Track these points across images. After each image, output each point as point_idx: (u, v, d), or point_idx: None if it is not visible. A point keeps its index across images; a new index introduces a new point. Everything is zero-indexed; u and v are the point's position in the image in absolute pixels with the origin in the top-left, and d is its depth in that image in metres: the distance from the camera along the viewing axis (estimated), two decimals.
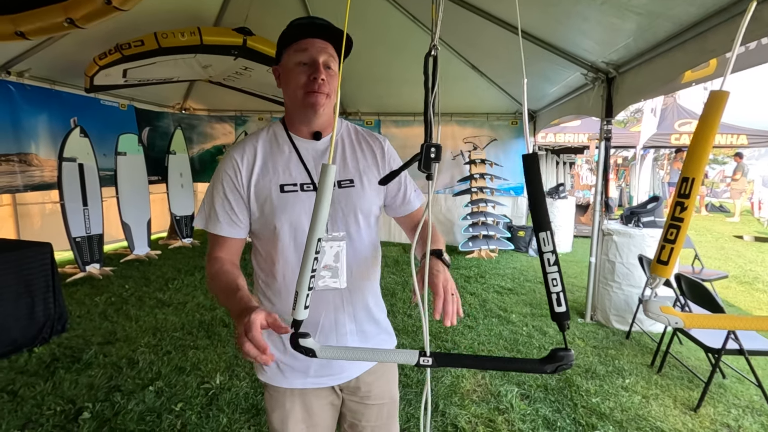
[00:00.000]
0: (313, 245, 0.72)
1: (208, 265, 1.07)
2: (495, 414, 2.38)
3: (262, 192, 1.05)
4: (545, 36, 3.52)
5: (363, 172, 1.11)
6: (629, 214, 3.76)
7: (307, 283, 0.73)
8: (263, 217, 1.05)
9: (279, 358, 1.10)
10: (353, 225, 1.09)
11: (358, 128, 1.19)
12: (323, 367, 1.10)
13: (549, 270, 0.70)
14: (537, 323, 3.69)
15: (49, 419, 2.18)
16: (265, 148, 1.08)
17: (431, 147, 0.75)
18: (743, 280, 5.24)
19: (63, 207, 4.28)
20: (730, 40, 1.96)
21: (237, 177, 1.05)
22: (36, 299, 2.91)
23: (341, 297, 1.09)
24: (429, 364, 0.75)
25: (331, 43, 1.03)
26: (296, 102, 1.04)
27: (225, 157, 1.08)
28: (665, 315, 0.69)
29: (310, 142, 1.09)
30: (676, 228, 0.68)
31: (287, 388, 1.11)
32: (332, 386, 1.15)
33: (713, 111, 0.66)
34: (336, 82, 1.05)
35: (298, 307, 0.73)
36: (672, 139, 10.55)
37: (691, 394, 2.64)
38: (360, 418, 1.19)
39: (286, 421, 1.12)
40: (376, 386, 1.18)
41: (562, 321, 0.71)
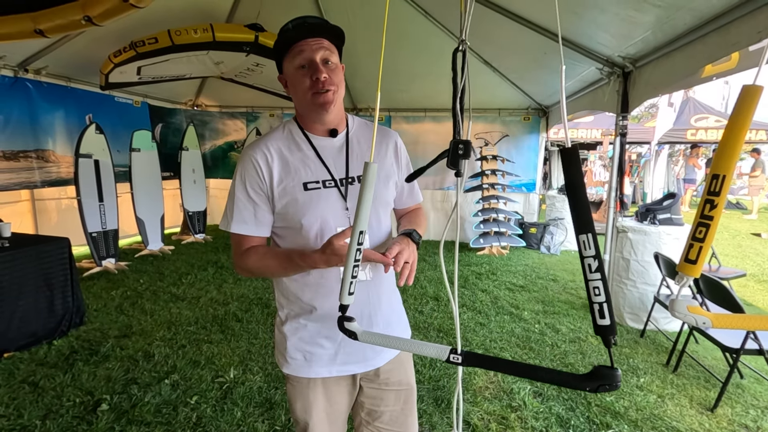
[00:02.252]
0: (356, 238, 0.76)
1: (242, 259, 1.10)
2: (508, 411, 2.37)
3: (286, 191, 1.07)
4: (562, 30, 3.47)
5: (380, 166, 1.14)
6: (645, 210, 3.70)
7: (350, 271, 0.77)
8: (288, 215, 1.07)
9: (305, 348, 1.12)
10: (373, 218, 1.12)
11: (369, 123, 1.21)
12: (348, 354, 1.12)
13: (591, 277, 0.64)
14: (549, 320, 3.66)
15: (68, 410, 2.23)
16: (284, 147, 1.09)
17: (459, 144, 0.74)
18: (761, 279, 5.13)
19: (80, 203, 4.35)
20: (756, 32, 1.91)
21: (259, 176, 1.07)
22: (55, 293, 2.97)
23: (367, 289, 1.11)
24: (459, 362, 0.74)
25: (325, 38, 1.04)
26: (306, 104, 1.06)
27: (243, 157, 1.09)
28: (692, 315, 0.68)
29: (326, 139, 1.12)
30: (706, 226, 0.66)
31: (310, 378, 1.13)
32: (353, 374, 1.17)
33: (746, 106, 0.64)
34: (340, 73, 1.07)
35: (343, 293, 0.78)
36: (688, 135, 10.36)
37: (707, 394, 2.60)
38: (379, 404, 1.20)
39: (310, 410, 1.14)
40: (394, 374, 1.21)
41: (607, 336, 0.63)
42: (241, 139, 7.39)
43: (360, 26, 5.05)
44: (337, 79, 1.05)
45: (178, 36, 4.23)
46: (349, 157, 1.11)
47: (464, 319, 3.66)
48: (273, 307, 3.78)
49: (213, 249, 5.75)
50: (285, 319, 1.16)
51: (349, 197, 1.09)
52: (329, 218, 1.06)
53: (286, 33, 1.02)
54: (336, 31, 1.06)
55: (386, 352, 1.18)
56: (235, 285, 4.36)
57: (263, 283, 4.43)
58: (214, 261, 5.13)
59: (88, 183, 4.43)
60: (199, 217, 6.24)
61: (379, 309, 1.15)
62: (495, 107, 6.49)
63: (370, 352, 1.14)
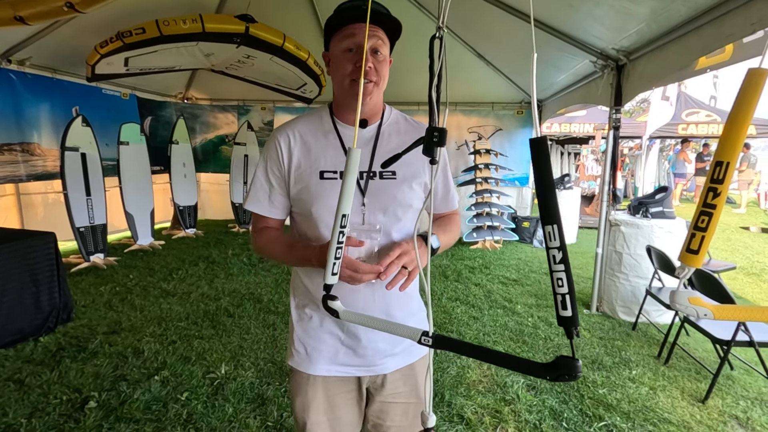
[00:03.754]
0: (339, 221, 0.78)
1: (256, 237, 1.13)
2: (501, 405, 2.37)
3: (302, 177, 1.04)
4: (555, 22, 3.44)
5: (406, 165, 1.05)
6: (637, 204, 3.71)
7: (333, 253, 0.79)
8: (300, 202, 1.06)
9: (307, 341, 1.10)
10: (391, 218, 1.05)
11: (408, 118, 1.15)
12: (350, 356, 1.09)
13: (555, 268, 0.62)
14: (542, 314, 3.67)
15: (55, 408, 2.18)
16: (309, 133, 1.07)
17: (434, 131, 0.73)
18: (750, 272, 5.19)
19: (66, 197, 4.26)
20: (750, 24, 1.89)
21: (279, 159, 1.05)
22: (41, 289, 2.90)
23: (373, 290, 1.06)
24: (429, 344, 0.74)
25: (381, 27, 0.99)
26: (343, 90, 1.01)
27: (270, 139, 1.09)
28: (693, 306, 0.66)
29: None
30: (708, 215, 0.64)
31: (311, 374, 1.09)
32: (358, 379, 1.12)
33: (751, 91, 0.62)
34: (386, 66, 1.03)
35: (327, 273, 0.81)
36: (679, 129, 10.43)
37: (698, 386, 2.62)
38: (384, 418, 1.15)
39: (308, 408, 1.10)
40: (403, 385, 1.15)
41: (569, 327, 0.62)
42: (232, 133, 7.28)
43: None
44: (382, 72, 1.01)
45: (167, 26, 4.14)
46: (376, 150, 1.06)
47: (458, 312, 3.65)
48: (265, 302, 3.75)
49: (204, 244, 5.69)
50: (294, 308, 1.15)
51: (368, 192, 1.04)
52: None
53: (342, 12, 0.98)
54: (394, 23, 1.01)
55: (393, 360, 1.12)
56: (227, 280, 4.31)
57: (255, 278, 4.39)
58: (206, 256, 5.07)
59: (74, 177, 4.34)
60: (190, 212, 6.17)
61: (388, 314, 1.08)
62: (488, 101, 6.46)
63: (375, 356, 1.09)
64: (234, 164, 6.54)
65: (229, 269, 4.65)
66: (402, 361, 1.13)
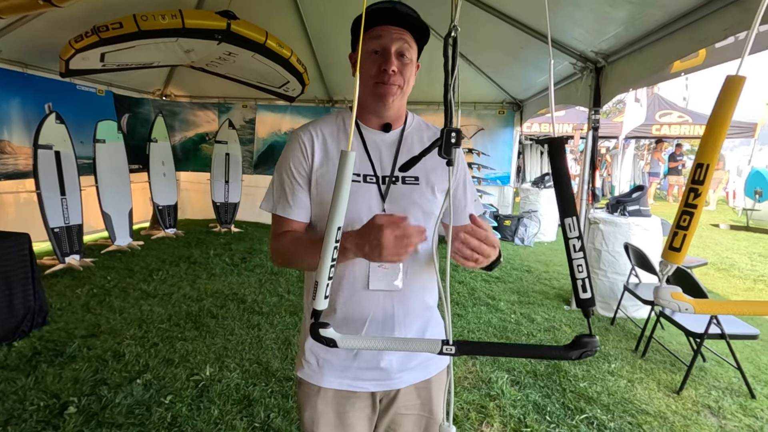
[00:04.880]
0: (333, 234, 0.71)
1: (276, 242, 1.04)
2: (486, 400, 2.41)
3: (324, 179, 1.01)
4: (536, 24, 3.51)
5: (429, 171, 1.04)
6: (615, 203, 3.82)
7: (326, 273, 0.72)
8: (322, 205, 1.02)
9: (318, 353, 1.06)
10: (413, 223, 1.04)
11: (430, 124, 1.13)
12: (363, 370, 1.04)
13: (575, 256, 0.69)
14: (525, 311, 3.74)
15: (32, 414, 2.11)
16: (332, 135, 1.04)
17: (451, 132, 0.73)
18: (721, 267, 5.41)
19: (39, 196, 4.11)
20: (722, 29, 1.98)
21: (304, 157, 1.02)
22: (15, 292, 2.80)
23: (392, 298, 1.03)
24: (452, 353, 0.74)
25: (408, 30, 0.97)
26: (367, 92, 1.00)
27: (291, 138, 1.05)
28: (675, 301, 0.70)
29: (378, 133, 1.05)
30: (690, 215, 0.67)
31: (321, 386, 1.05)
32: (371, 393, 1.08)
33: (729, 96, 0.65)
34: (412, 70, 1.00)
35: (318, 298, 0.72)
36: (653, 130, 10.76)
37: (673, 378, 2.72)
38: (396, 429, 1.12)
39: (317, 422, 1.06)
40: (416, 398, 1.12)
41: (587, 307, 0.70)
42: (213, 131, 7.16)
43: (336, 15, 4.97)
44: (407, 76, 0.99)
45: (145, 21, 4.03)
46: (399, 155, 1.04)
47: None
48: (249, 302, 3.71)
49: (185, 244, 5.58)
50: (308, 315, 1.09)
51: (388, 197, 1.02)
52: (363, 216, 0.97)
53: (369, 13, 0.95)
54: (422, 27, 0.99)
55: (408, 374, 1.07)
56: (209, 281, 4.24)
57: (238, 279, 4.33)
58: (187, 256, 4.98)
59: (48, 176, 4.20)
60: (170, 212, 6.03)
61: (404, 326, 1.04)
62: (471, 101, 6.53)
63: (388, 370, 1.05)
64: (215, 163, 6.43)
65: (211, 269, 4.58)
66: (417, 376, 1.10)
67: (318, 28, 5.31)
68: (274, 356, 2.80)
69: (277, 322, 3.34)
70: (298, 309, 3.61)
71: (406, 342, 0.79)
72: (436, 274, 1.05)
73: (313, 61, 5.88)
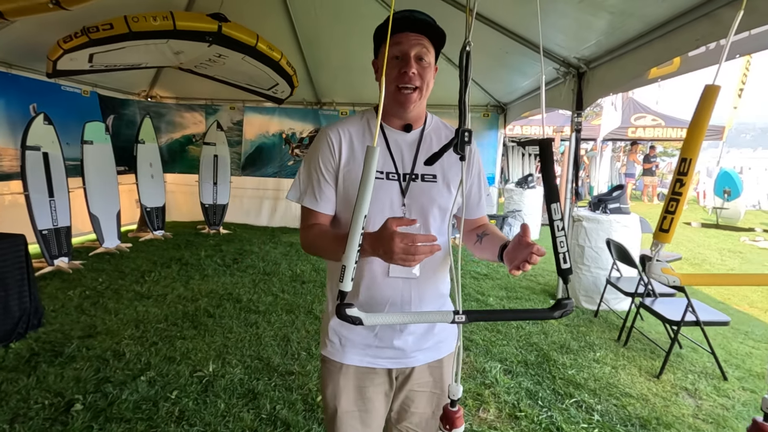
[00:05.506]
0: (360, 222, 0.79)
1: (305, 234, 1.13)
2: (482, 388, 2.53)
3: (350, 175, 1.10)
4: (521, 31, 3.68)
5: (446, 169, 1.14)
6: (596, 201, 4.02)
7: (353, 258, 0.80)
8: (348, 199, 1.10)
9: (341, 332, 1.15)
10: (431, 218, 1.12)
11: (448, 126, 1.21)
12: (382, 349, 1.14)
13: (558, 234, 0.83)
14: (513, 305, 3.90)
15: (38, 413, 2.12)
16: (358, 134, 1.12)
17: (465, 131, 0.84)
18: (693, 262, 5.71)
19: (28, 198, 4.06)
20: (694, 39, 2.16)
21: (331, 154, 1.10)
22: (10, 293, 2.78)
23: (409, 285, 1.12)
24: (462, 321, 0.84)
25: (426, 36, 1.06)
26: (389, 95, 1.07)
27: (320, 136, 1.13)
28: (665, 275, 0.82)
29: (399, 133, 1.14)
30: (676, 201, 0.80)
31: (343, 363, 1.15)
32: (388, 371, 1.17)
33: (707, 102, 0.78)
34: (431, 73, 1.08)
35: (345, 280, 0.79)
36: (629, 132, 11.19)
37: (653, 364, 2.90)
38: (409, 404, 1.22)
39: (339, 396, 1.15)
40: (429, 376, 1.22)
41: (566, 275, 0.85)
42: (200, 133, 7.13)
43: (326, 19, 5.05)
44: (426, 78, 1.07)
45: (136, 23, 4.03)
46: (419, 154, 1.13)
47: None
48: (244, 301, 3.75)
49: (174, 246, 5.55)
50: (331, 301, 1.19)
51: (408, 194, 1.11)
52: (386, 210, 1.08)
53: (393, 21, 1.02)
54: (439, 32, 1.07)
55: (424, 354, 1.18)
56: (202, 281, 4.26)
57: (231, 279, 4.36)
58: (178, 258, 4.97)
59: (36, 177, 4.14)
60: (158, 213, 5.99)
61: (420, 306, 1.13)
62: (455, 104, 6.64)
63: (406, 349, 1.15)
64: (203, 164, 6.41)
65: (203, 270, 4.59)
66: (431, 356, 1.20)
67: (308, 31, 5.39)
68: (274, 352, 2.87)
69: (274, 320, 3.39)
70: (294, 307, 3.67)
71: (423, 314, 0.90)
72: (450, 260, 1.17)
73: (302, 63, 5.94)
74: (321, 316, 1.19)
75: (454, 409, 0.87)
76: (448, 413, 0.87)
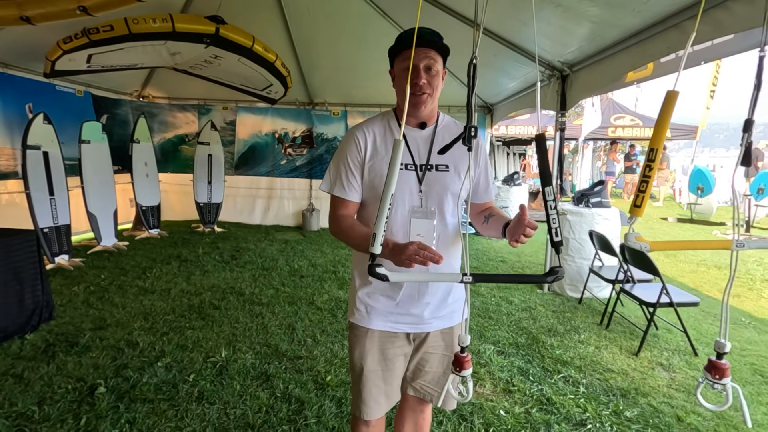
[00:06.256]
0: (388, 198, 0.96)
1: (335, 223, 1.32)
2: (477, 367, 2.74)
3: (375, 167, 1.30)
4: (508, 35, 3.90)
5: (457, 160, 1.32)
6: (579, 196, 4.28)
7: (382, 227, 0.97)
8: (374, 188, 1.30)
9: (367, 301, 1.34)
10: (445, 203, 1.31)
11: (458, 123, 1.40)
12: (402, 315, 1.34)
13: (551, 213, 0.99)
14: (503, 294, 4.13)
15: (63, 396, 2.24)
16: (380, 133, 1.33)
17: (472, 127, 1.03)
18: (669, 254, 6.05)
19: (29, 197, 4.12)
20: (666, 47, 2.41)
21: (359, 152, 1.30)
22: (24, 287, 2.87)
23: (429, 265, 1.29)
24: (469, 281, 1.03)
25: (433, 48, 1.25)
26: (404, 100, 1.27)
27: (348, 135, 1.34)
28: (639, 242, 1.03)
29: (416, 130, 1.33)
30: (646, 182, 1.01)
31: (369, 328, 1.34)
32: (407, 335, 1.37)
33: (669, 105, 0.99)
34: (439, 79, 1.28)
35: (375, 244, 0.96)
36: (609, 132, 11.61)
37: (632, 343, 3.16)
38: (424, 364, 1.41)
39: (365, 357, 1.35)
40: (441, 341, 1.40)
41: (558, 247, 1.01)
42: (193, 133, 7.20)
43: (319, 22, 5.21)
44: (435, 84, 1.26)
45: (136, 24, 4.12)
46: (433, 147, 1.31)
47: None
48: (247, 294, 3.88)
49: (171, 244, 5.63)
50: (357, 277, 1.39)
51: (424, 182, 1.29)
52: (405, 196, 1.28)
53: (403, 39, 1.24)
54: (443, 45, 1.27)
55: (438, 321, 1.36)
56: (203, 276, 4.37)
57: (231, 274, 4.48)
58: (176, 255, 5.06)
59: (37, 176, 4.20)
60: (153, 212, 6.06)
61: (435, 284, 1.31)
62: (445, 104, 6.91)
63: (423, 316, 1.33)
64: (198, 164, 6.50)
65: (203, 266, 4.70)
66: (444, 323, 1.39)
67: (302, 33, 5.53)
68: (281, 339, 3.02)
69: (278, 311, 3.55)
70: (296, 299, 3.82)
71: (437, 275, 1.12)
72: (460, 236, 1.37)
73: (296, 64, 6.08)
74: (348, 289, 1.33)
75: (464, 355, 1.07)
76: (458, 358, 1.06)
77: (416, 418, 1.55)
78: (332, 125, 7.20)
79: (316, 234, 6.78)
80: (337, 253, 5.55)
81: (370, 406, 1.39)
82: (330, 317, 3.46)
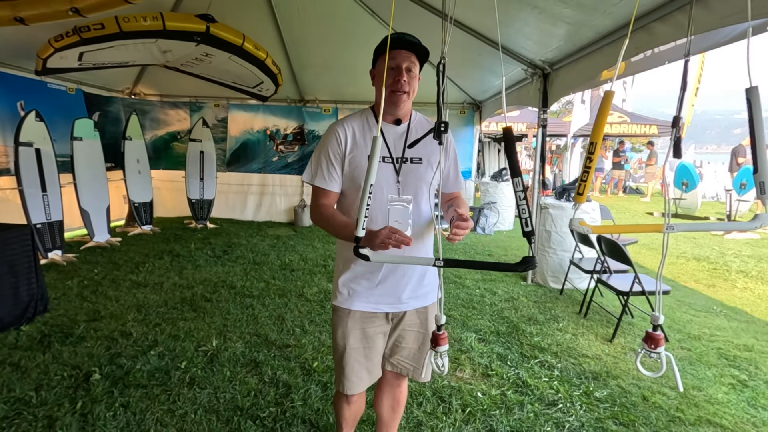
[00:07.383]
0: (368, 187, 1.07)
1: (316, 212, 1.43)
2: (459, 354, 2.86)
3: (354, 160, 1.41)
4: (492, 36, 4.02)
5: (429, 154, 1.45)
6: (561, 190, 4.42)
7: (363, 212, 1.08)
8: (353, 179, 1.41)
9: (350, 285, 1.46)
10: (419, 192, 1.43)
11: (429, 120, 1.52)
12: (381, 296, 1.46)
13: (520, 203, 1.05)
14: (488, 286, 4.26)
15: (59, 383, 2.34)
16: (359, 128, 1.44)
17: (441, 123, 1.14)
18: (651, 247, 6.22)
19: (21, 193, 4.18)
20: (635, 47, 2.54)
21: (339, 146, 1.41)
22: (20, 280, 2.95)
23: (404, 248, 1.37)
24: (441, 265, 1.15)
25: (414, 53, 1.37)
26: (385, 97, 1.35)
27: (329, 130, 1.45)
28: (582, 227, 1.14)
29: (392, 126, 1.45)
30: (587, 172, 1.13)
31: (351, 309, 1.46)
32: (386, 314, 1.49)
33: (607, 103, 1.11)
34: (416, 81, 1.40)
35: (358, 228, 1.08)
36: None
37: (608, 331, 3.30)
38: (401, 341, 1.55)
39: (348, 336, 1.47)
40: (417, 319, 1.54)
41: (530, 237, 1.07)
42: (184, 130, 7.26)
43: (309, 20, 5.29)
44: (413, 85, 1.38)
45: (126, 23, 4.18)
46: (407, 141, 1.43)
47: None
48: (238, 288, 3.98)
49: (164, 239, 5.71)
50: (340, 262, 1.50)
51: (401, 173, 1.41)
52: (384, 185, 1.39)
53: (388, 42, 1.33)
54: (424, 51, 1.38)
55: (414, 301, 1.50)
56: (195, 271, 4.46)
57: (223, 269, 4.58)
58: (168, 250, 5.14)
59: (30, 173, 4.26)
60: (146, 208, 6.12)
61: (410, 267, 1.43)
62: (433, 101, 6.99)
63: (399, 297, 1.46)
64: (190, 160, 6.56)
65: (195, 261, 4.79)
66: (420, 303, 1.52)
67: (292, 31, 5.61)
68: (270, 330, 3.13)
69: (268, 302, 3.65)
70: (286, 292, 3.93)
71: (413, 258, 1.23)
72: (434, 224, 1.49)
73: (287, 62, 6.16)
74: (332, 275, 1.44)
75: (440, 332, 1.18)
76: (435, 335, 1.18)
77: (394, 392, 1.69)
78: (323, 122, 7.28)
79: (307, 229, 6.88)
80: (327, 247, 5.66)
81: (353, 381, 1.51)
82: (319, 308, 3.58)
